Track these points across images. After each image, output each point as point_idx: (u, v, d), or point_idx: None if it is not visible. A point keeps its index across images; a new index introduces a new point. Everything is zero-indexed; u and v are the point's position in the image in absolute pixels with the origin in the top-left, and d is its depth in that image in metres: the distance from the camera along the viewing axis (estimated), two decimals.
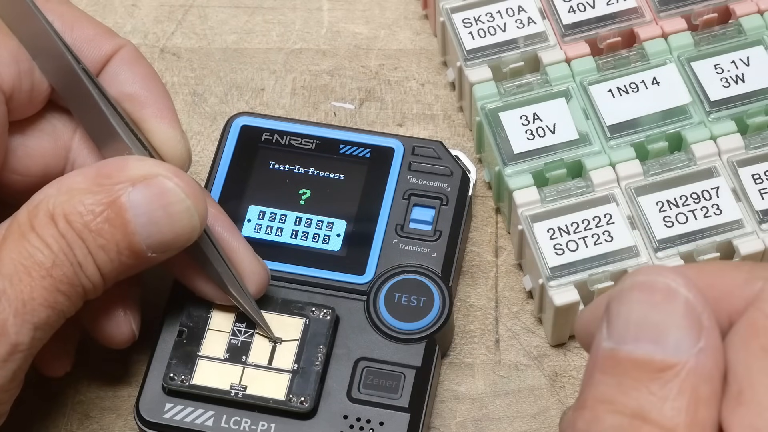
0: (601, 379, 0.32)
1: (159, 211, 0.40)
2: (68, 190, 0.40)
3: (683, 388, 0.31)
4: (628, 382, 0.32)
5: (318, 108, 0.55)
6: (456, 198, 0.49)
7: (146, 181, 0.40)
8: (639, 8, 0.52)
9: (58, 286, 0.40)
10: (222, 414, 0.45)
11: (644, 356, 0.32)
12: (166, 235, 0.41)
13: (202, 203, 0.41)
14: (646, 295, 0.32)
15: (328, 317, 0.46)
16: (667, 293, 0.32)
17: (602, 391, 0.32)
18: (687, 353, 0.32)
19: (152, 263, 0.42)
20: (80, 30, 0.44)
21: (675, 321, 0.32)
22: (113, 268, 0.41)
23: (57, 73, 0.43)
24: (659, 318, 0.32)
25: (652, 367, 0.31)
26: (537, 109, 0.50)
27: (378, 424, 0.44)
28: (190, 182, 0.41)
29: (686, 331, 0.32)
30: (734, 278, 0.34)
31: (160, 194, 0.40)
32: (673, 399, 0.31)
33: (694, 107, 0.50)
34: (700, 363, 0.32)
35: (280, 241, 0.48)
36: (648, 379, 0.31)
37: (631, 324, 0.32)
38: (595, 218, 0.47)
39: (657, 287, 0.32)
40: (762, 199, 0.47)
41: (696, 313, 0.32)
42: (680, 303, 0.32)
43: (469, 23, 0.52)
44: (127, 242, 0.40)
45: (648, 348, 0.32)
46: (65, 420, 0.48)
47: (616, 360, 0.32)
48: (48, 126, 0.45)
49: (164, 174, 0.41)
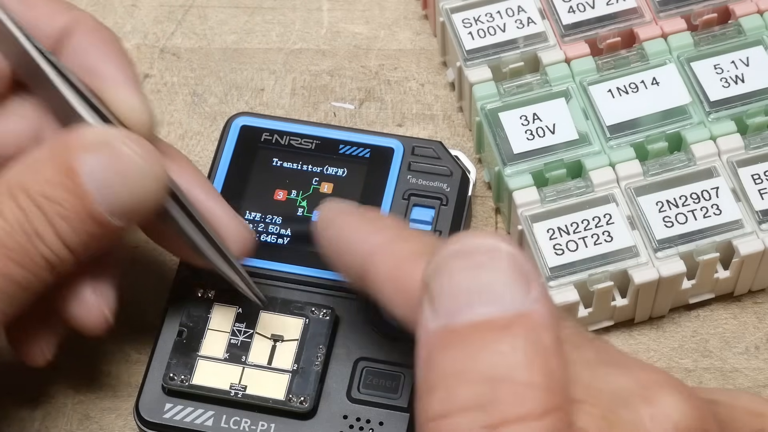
0: (441, 358, 0.31)
1: (114, 175, 0.40)
2: (26, 163, 0.40)
3: (529, 340, 0.31)
4: (472, 349, 0.31)
5: (318, 108, 0.55)
6: (456, 198, 0.49)
7: (99, 146, 0.41)
8: (639, 8, 0.52)
9: (10, 255, 0.39)
10: (222, 414, 0.45)
11: (482, 318, 0.31)
12: (125, 199, 0.41)
13: (158, 165, 0.41)
14: (468, 260, 0.32)
15: (327, 317, 0.46)
16: (489, 252, 0.32)
17: (448, 367, 0.31)
18: (524, 305, 0.31)
19: (121, 232, 0.42)
20: (38, 8, 0.44)
21: (504, 276, 0.31)
22: (80, 240, 0.41)
23: (12, 54, 0.43)
24: (488, 277, 0.32)
25: (492, 327, 0.31)
26: (537, 109, 0.50)
27: (378, 424, 0.44)
28: (144, 145, 0.41)
29: (518, 284, 0.31)
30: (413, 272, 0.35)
31: (114, 158, 0.41)
32: (523, 353, 0.31)
33: (694, 107, 0.50)
34: (538, 312, 0.31)
35: (280, 241, 0.48)
36: (492, 340, 0.31)
37: (459, 293, 0.32)
38: (594, 218, 0.47)
39: (478, 250, 0.32)
40: (762, 199, 0.47)
41: (522, 265, 0.32)
42: (505, 258, 0.32)
43: (469, 23, 0.52)
44: (86, 210, 0.40)
45: (484, 309, 0.31)
46: (65, 420, 0.48)
47: (453, 333, 0.31)
48: (19, 108, 0.45)
49: (117, 138, 0.41)
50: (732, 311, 0.50)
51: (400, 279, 0.37)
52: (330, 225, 0.41)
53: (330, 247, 0.41)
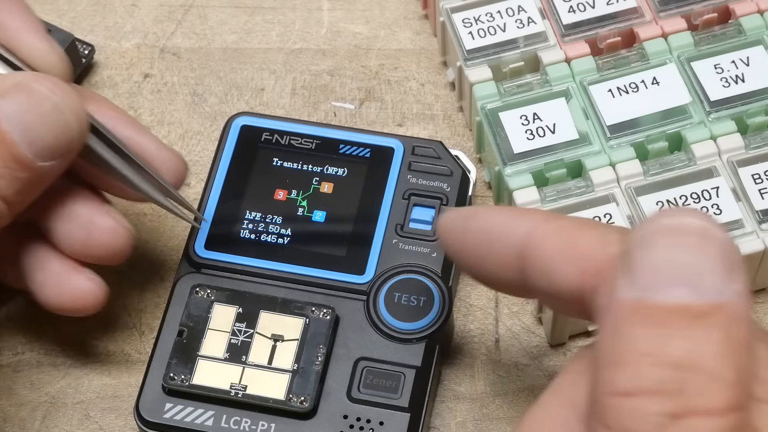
0: (633, 333, 0.30)
1: (30, 114, 0.41)
2: None
3: (725, 333, 0.30)
4: (667, 331, 0.30)
5: (318, 108, 0.55)
6: (456, 198, 0.49)
7: (13, 89, 0.41)
8: (639, 8, 0.52)
9: None
10: (222, 414, 0.45)
11: (681, 302, 0.30)
12: (46, 138, 0.41)
13: (73, 101, 0.42)
14: (678, 238, 0.31)
15: (328, 317, 0.46)
16: (701, 234, 0.31)
17: (640, 344, 0.30)
18: (725, 296, 0.30)
19: (51, 174, 0.42)
20: None
21: (711, 263, 0.30)
22: (11, 187, 0.41)
23: None
24: (694, 260, 0.30)
25: (690, 313, 0.30)
26: (537, 109, 0.50)
27: (378, 424, 0.44)
28: (57, 83, 0.42)
29: (723, 274, 0.30)
30: (591, 238, 0.34)
31: (28, 98, 0.41)
32: (718, 345, 0.30)
33: (694, 107, 0.50)
34: (737, 305, 0.30)
35: (280, 241, 0.48)
36: (687, 326, 0.30)
37: (663, 269, 0.30)
38: (594, 218, 0.47)
39: (689, 229, 0.31)
40: (762, 199, 0.47)
41: (730, 253, 0.31)
42: (715, 244, 0.31)
43: (469, 23, 0.52)
44: (10, 154, 0.41)
45: (684, 293, 0.30)
46: (65, 420, 0.48)
47: (648, 309, 0.30)
48: None
49: (30, 79, 0.41)
50: None
51: (572, 247, 0.35)
52: (472, 217, 0.39)
53: (476, 242, 0.39)
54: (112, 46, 0.57)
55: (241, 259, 0.47)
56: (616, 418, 0.30)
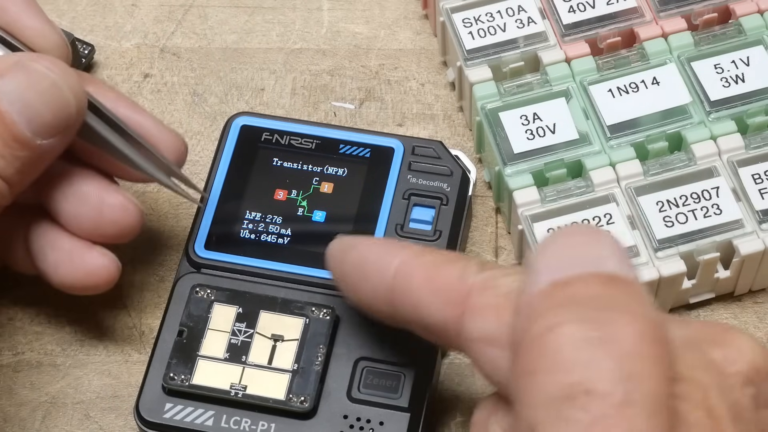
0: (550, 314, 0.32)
1: (28, 92, 0.41)
2: None
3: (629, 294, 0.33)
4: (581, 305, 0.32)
5: (318, 108, 0.55)
6: (456, 198, 0.49)
7: (11, 68, 0.41)
8: (639, 8, 0.52)
9: None
10: (222, 414, 0.45)
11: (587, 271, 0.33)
12: (44, 115, 0.41)
13: (71, 78, 0.42)
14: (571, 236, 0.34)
15: (328, 317, 0.46)
16: (591, 233, 0.34)
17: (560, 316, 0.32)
18: (623, 271, 0.33)
19: (51, 153, 0.42)
20: None
21: (609, 249, 0.33)
22: (11, 167, 0.41)
23: None
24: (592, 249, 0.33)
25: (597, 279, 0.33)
26: (537, 109, 0.50)
27: (378, 424, 0.44)
28: (55, 62, 0.42)
29: (622, 256, 0.33)
30: (453, 270, 0.37)
31: (27, 77, 0.41)
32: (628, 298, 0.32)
33: (694, 107, 0.50)
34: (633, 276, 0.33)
35: (280, 241, 0.48)
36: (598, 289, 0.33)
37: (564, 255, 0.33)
38: (595, 218, 0.47)
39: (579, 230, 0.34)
40: (762, 199, 0.47)
41: (620, 245, 0.34)
42: (608, 237, 0.34)
43: (469, 23, 0.52)
44: (9, 133, 0.41)
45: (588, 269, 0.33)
46: (65, 420, 0.48)
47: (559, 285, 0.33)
48: None
49: (28, 58, 0.42)
50: (732, 311, 0.50)
51: (437, 280, 0.38)
52: (351, 249, 0.42)
53: (352, 272, 0.41)
54: (112, 46, 0.57)
55: (241, 259, 0.47)
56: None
